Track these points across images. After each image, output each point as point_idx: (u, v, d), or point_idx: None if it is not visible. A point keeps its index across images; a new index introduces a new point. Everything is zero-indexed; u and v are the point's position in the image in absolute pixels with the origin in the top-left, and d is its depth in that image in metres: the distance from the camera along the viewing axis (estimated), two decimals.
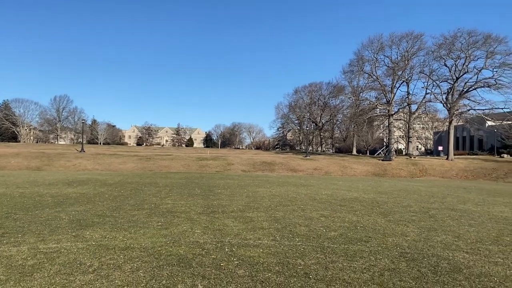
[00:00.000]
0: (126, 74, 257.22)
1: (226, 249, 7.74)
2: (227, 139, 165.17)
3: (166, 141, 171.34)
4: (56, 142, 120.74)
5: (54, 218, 11.00)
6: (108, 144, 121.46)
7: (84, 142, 69.36)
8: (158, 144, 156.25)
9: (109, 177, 29.55)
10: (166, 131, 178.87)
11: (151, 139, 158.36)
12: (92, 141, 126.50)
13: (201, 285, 5.69)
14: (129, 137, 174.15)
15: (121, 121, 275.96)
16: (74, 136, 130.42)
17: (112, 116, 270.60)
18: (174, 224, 10.41)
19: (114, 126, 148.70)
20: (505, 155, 65.76)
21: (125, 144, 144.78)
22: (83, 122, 75.42)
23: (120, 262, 6.70)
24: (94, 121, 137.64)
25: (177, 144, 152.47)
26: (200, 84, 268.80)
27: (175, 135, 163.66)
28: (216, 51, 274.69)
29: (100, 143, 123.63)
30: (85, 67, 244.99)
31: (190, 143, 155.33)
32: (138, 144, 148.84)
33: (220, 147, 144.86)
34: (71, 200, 15.25)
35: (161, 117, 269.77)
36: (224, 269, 6.47)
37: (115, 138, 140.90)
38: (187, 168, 45.96)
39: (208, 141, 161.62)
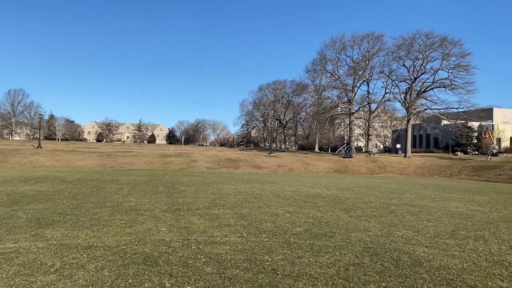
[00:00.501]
0: (85, 68, 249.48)
1: (193, 247, 7.69)
2: (190, 136, 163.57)
3: (127, 137, 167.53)
4: (10, 138, 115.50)
5: (11, 217, 10.54)
6: (67, 140, 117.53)
7: (41, 138, 66.68)
8: (119, 140, 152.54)
9: (68, 174, 28.59)
10: (127, 127, 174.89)
11: (111, 135, 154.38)
12: (50, 137, 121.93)
13: (168, 283, 5.63)
14: (89, 133, 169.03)
15: (80, 116, 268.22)
16: (30, 131, 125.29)
17: (70, 111, 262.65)
18: (139, 222, 10.23)
19: (72, 121, 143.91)
20: (459, 153, 68.86)
21: (84, 140, 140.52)
22: (40, 117, 72.37)
23: (84, 262, 6.52)
24: (51, 116, 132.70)
25: (138, 140, 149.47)
26: (163, 79, 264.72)
27: (136, 131, 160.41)
28: (181, 48, 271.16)
29: (58, 139, 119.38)
30: (41, 61, 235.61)
31: (152, 139, 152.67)
32: (98, 140, 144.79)
33: (184, 144, 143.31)
34: (28, 198, 14.65)
35: (122, 113, 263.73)
36: (192, 266, 6.42)
37: (73, 134, 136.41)
38: (149, 165, 45.18)
39: (171, 138, 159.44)
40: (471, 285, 5.87)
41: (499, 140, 72.02)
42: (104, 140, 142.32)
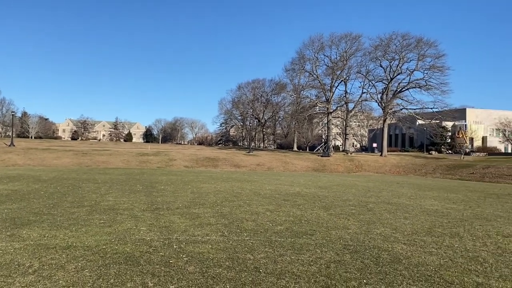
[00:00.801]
0: (60, 65, 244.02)
1: (175, 246, 7.65)
2: (168, 134, 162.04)
3: (103, 135, 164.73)
4: None
5: None
6: (41, 138, 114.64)
7: (13, 135, 64.89)
8: (95, 138, 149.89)
9: (43, 173, 27.94)
10: (104, 125, 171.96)
11: (87, 133, 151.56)
12: (23, 135, 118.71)
13: (151, 282, 5.58)
14: (64, 131, 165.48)
15: (54, 114, 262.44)
16: (2, 129, 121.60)
17: (44, 109, 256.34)
18: (118, 221, 10.10)
19: (47, 119, 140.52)
20: (433, 152, 70.50)
21: (59, 138, 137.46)
22: (12, 115, 70.37)
23: (63, 262, 6.40)
24: (24, 114, 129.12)
25: (115, 139, 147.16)
26: (139, 77, 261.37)
27: (113, 130, 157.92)
28: (158, 45, 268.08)
29: (32, 137, 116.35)
30: (14, 56, 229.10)
31: (129, 138, 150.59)
32: (73, 138, 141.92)
33: (161, 143, 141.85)
34: (2, 197, 14.27)
35: (98, 111, 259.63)
36: (174, 266, 6.39)
37: (48, 132, 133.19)
38: (126, 163, 44.56)
39: (148, 136, 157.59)
40: (448, 281, 6.03)
41: (471, 139, 74.12)
42: (80, 138, 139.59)
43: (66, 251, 7.08)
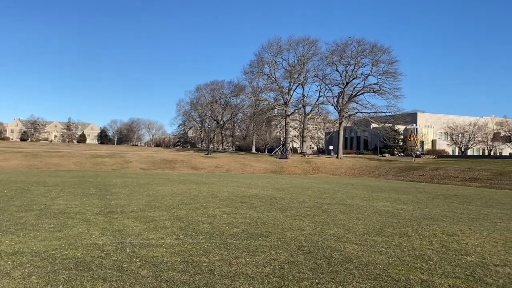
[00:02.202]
0: (7, 62, 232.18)
1: (128, 250, 7.51)
2: (124, 136, 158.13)
3: (55, 136, 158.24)
4: None
5: None
6: None
7: None
8: (46, 140, 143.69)
9: None
10: (55, 126, 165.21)
11: (37, 134, 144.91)
12: None
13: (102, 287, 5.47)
14: (12, 131, 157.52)
15: (2, 113, 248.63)
16: None
17: None
18: (69, 226, 9.77)
19: None
20: (387, 155, 73.01)
21: (6, 139, 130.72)
22: None
23: (9, 269, 6.13)
24: None
25: (67, 140, 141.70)
26: (93, 77, 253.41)
27: (65, 130, 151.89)
28: (114, 44, 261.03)
29: None
30: None
31: (82, 139, 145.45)
32: (23, 139, 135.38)
33: (117, 144, 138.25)
34: None
35: (50, 110, 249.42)
36: (127, 270, 6.27)
37: None
38: (80, 166, 43.12)
39: (103, 138, 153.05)
40: (395, 279, 6.29)
41: (422, 142, 77.42)
42: (30, 140, 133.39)
43: (12, 257, 6.78)
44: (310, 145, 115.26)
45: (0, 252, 7.10)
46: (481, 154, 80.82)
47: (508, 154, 71.47)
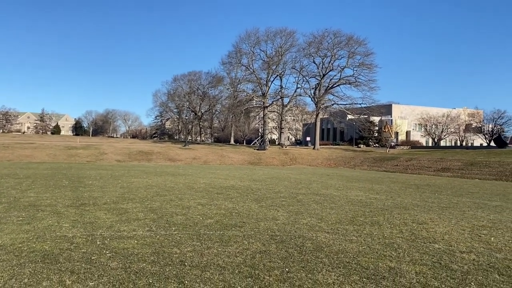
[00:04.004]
0: None
1: (98, 242, 7.40)
2: (99, 127, 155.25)
3: (28, 128, 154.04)
4: None
5: None
6: None
7: None
8: (19, 131, 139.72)
9: None
10: (28, 117, 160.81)
11: (9, 125, 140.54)
12: None
13: (69, 280, 5.37)
14: None
15: None
16: None
17: None
18: (38, 218, 9.56)
19: None
20: (362, 146, 74.07)
21: None
22: None
23: None
24: None
25: (41, 131, 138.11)
26: (68, 67, 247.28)
27: (38, 122, 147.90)
28: (88, 34, 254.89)
29: None
30: None
31: (56, 130, 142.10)
32: None
33: (92, 136, 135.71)
34: None
35: (22, 101, 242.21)
36: (96, 262, 6.19)
37: None
38: (53, 157, 42.18)
39: (78, 129, 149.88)
40: (364, 267, 6.40)
41: (396, 133, 78.74)
42: (1, 131, 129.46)
43: None
44: (288, 137, 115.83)
45: None
46: (453, 145, 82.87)
47: (479, 145, 73.48)
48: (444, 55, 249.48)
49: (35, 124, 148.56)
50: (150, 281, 5.43)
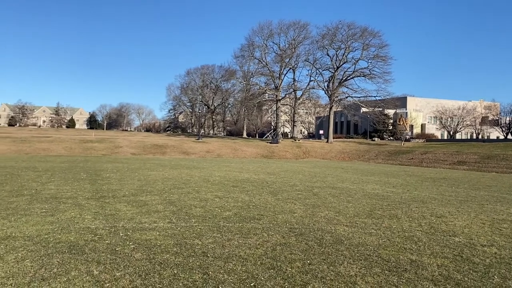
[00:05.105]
0: None
1: (121, 234, 7.54)
2: (114, 121, 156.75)
3: (44, 121, 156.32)
4: None
5: None
6: None
7: None
8: (35, 125, 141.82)
9: None
10: (44, 111, 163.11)
11: (25, 119, 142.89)
12: None
13: (96, 270, 5.50)
14: None
15: None
16: None
17: None
18: (61, 210, 9.76)
19: None
20: (376, 139, 73.54)
21: None
22: None
23: (1, 253, 6.13)
24: None
25: (56, 125, 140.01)
26: (82, 61, 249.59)
27: (54, 115, 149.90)
28: (101, 29, 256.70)
29: None
30: None
31: (71, 124, 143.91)
32: (11, 124, 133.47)
33: (106, 129, 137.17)
34: None
35: (38, 95, 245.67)
36: (120, 253, 6.32)
37: None
38: (69, 151, 42.79)
39: (93, 123, 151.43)
40: (385, 259, 6.43)
41: (411, 126, 78.07)
42: (18, 125, 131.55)
43: (4, 241, 6.78)
44: (301, 130, 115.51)
45: None
46: (469, 137, 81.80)
47: (495, 138, 72.41)
48: (460, 46, 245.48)
49: (50, 118, 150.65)
50: (175, 272, 5.54)
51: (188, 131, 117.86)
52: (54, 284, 4.98)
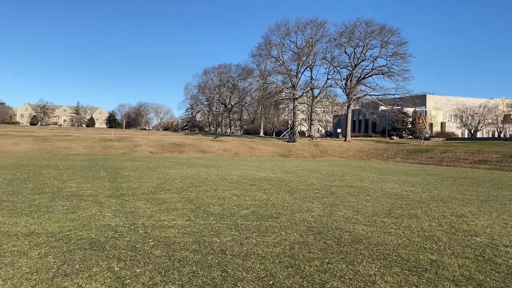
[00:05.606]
0: (16, 47, 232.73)
1: (140, 231, 7.65)
2: (132, 120, 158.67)
3: (64, 120, 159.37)
4: None
5: None
6: None
7: None
8: (55, 124, 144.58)
9: (0, 160, 26.90)
10: (64, 110, 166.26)
11: (47, 118, 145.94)
12: None
13: (117, 267, 5.59)
14: (22, 116, 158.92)
15: (11, 98, 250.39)
16: None
17: (0, 93, 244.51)
18: (82, 207, 9.95)
19: (3, 103, 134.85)
20: (395, 137, 72.59)
21: (16, 123, 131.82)
22: None
23: (26, 249, 6.29)
24: None
25: (76, 124, 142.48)
26: (101, 61, 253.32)
27: (74, 115, 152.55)
28: (120, 29, 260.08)
29: None
30: None
31: (91, 123, 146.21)
32: (32, 123, 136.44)
33: (125, 128, 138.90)
34: None
35: (59, 95, 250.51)
36: (140, 250, 6.41)
37: (4, 116, 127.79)
38: (89, 149, 43.52)
39: (112, 121, 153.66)
40: (405, 259, 6.36)
41: (431, 125, 76.78)
42: (39, 124, 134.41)
43: (28, 238, 6.95)
44: (318, 128, 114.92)
45: (17, 233, 7.27)
46: (490, 136, 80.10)
47: None
48: (481, 42, 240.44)
49: (70, 117, 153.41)
50: (194, 269, 5.59)
51: (206, 130, 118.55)
52: (76, 280, 5.09)
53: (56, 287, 4.88)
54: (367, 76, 65.99)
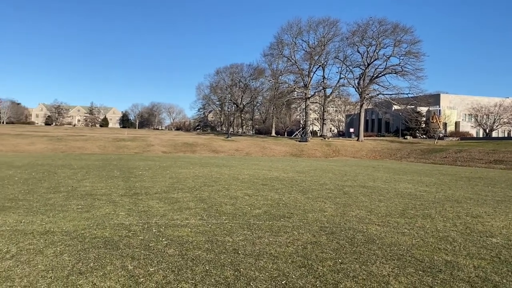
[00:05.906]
0: (32, 48, 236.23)
1: (154, 230, 7.70)
2: (145, 120, 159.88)
3: (79, 120, 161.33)
4: None
5: None
6: (13, 123, 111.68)
7: None
8: (70, 124, 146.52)
9: (16, 159, 27.35)
10: (78, 110, 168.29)
11: (61, 118, 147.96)
12: None
13: (131, 265, 5.64)
14: (37, 116, 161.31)
15: (27, 98, 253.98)
16: None
17: (16, 93, 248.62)
18: (96, 207, 10.05)
19: (19, 104, 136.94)
20: (408, 137, 71.89)
21: (32, 123, 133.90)
22: None
23: (41, 247, 6.38)
24: None
25: (90, 124, 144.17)
26: (115, 61, 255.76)
27: (88, 115, 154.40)
28: (133, 29, 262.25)
29: (3, 122, 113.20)
30: None
31: (105, 123, 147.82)
32: (47, 123, 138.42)
33: (138, 128, 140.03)
34: None
35: (73, 95, 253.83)
36: (154, 249, 6.45)
37: (20, 117, 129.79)
38: (103, 149, 43.97)
39: (125, 121, 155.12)
40: (419, 260, 6.29)
41: (445, 124, 75.82)
42: (54, 124, 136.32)
43: (44, 236, 7.05)
44: (330, 128, 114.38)
45: (32, 231, 7.38)
46: (506, 135, 78.84)
47: None
48: (496, 40, 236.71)
49: (84, 117, 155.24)
50: (207, 268, 5.61)
51: (217, 129, 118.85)
52: (91, 278, 5.15)
53: (71, 285, 4.94)
54: (380, 75, 65.46)
